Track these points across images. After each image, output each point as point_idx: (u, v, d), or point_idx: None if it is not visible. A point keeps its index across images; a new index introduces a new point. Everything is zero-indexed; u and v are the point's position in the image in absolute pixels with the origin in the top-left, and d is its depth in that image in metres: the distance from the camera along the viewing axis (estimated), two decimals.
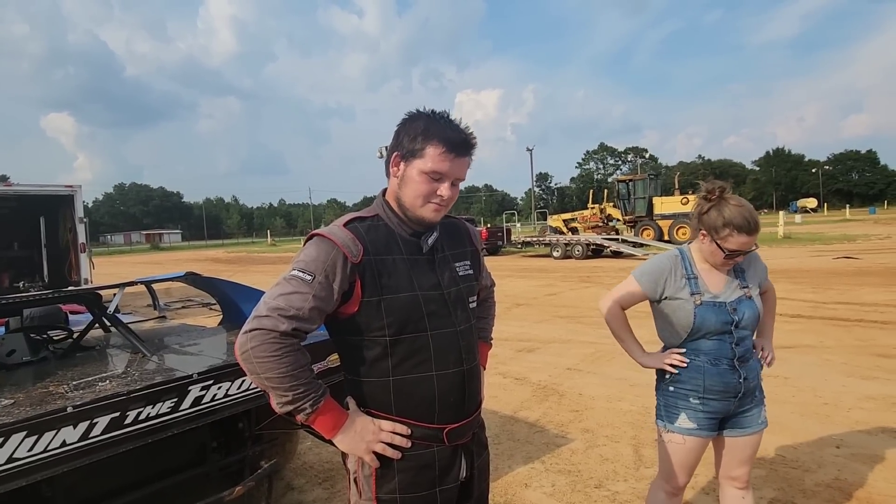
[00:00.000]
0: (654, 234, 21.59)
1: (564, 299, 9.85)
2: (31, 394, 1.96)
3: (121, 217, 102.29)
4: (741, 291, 1.87)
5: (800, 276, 10.83)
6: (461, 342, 1.36)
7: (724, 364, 1.85)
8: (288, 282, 1.23)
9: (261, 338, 1.17)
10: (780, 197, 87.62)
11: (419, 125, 1.28)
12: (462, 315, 1.39)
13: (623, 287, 2.03)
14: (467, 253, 1.48)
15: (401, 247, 1.33)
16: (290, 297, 1.21)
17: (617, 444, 3.48)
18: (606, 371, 5.13)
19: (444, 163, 1.26)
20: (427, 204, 1.30)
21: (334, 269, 1.24)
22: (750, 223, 1.74)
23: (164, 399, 1.92)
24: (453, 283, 1.38)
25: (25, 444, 1.59)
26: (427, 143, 1.26)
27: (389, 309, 1.27)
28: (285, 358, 1.17)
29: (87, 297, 2.94)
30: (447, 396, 1.32)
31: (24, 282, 8.67)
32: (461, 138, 1.28)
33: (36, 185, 8.74)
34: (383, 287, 1.27)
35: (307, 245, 1.30)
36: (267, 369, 1.17)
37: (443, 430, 1.32)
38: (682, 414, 1.91)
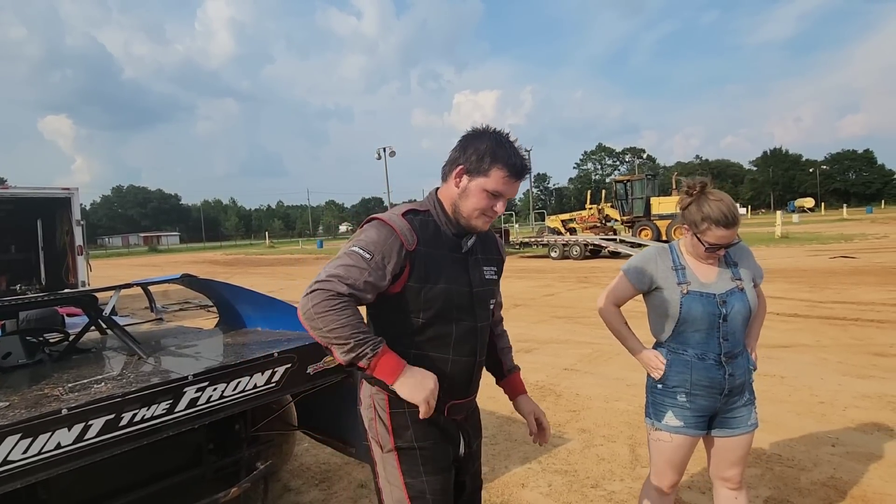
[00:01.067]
0: (652, 234, 21.61)
1: (562, 300, 9.86)
2: (27, 396, 1.96)
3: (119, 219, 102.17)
4: (733, 283, 1.87)
5: (797, 276, 10.86)
6: (479, 336, 1.53)
7: (710, 359, 1.86)
8: (349, 255, 1.35)
9: (320, 296, 1.29)
10: (777, 197, 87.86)
11: (486, 145, 1.41)
12: (483, 314, 1.54)
13: (614, 283, 2.06)
14: (495, 260, 1.64)
15: (445, 243, 1.47)
16: (349, 269, 1.33)
17: (613, 443, 3.49)
18: (604, 371, 5.14)
19: (505, 185, 1.42)
20: (482, 216, 1.45)
21: (391, 252, 1.36)
22: (728, 217, 1.75)
23: (160, 401, 1.92)
24: (481, 284, 1.54)
25: (20, 446, 1.59)
26: (493, 165, 1.40)
27: (428, 296, 1.41)
28: (344, 311, 1.28)
29: (83, 300, 2.94)
30: (457, 378, 1.49)
31: (20, 284, 8.67)
32: (522, 165, 1.44)
33: (33, 188, 8.73)
34: (428, 276, 1.41)
35: (367, 227, 1.42)
36: (328, 322, 1.27)
37: (445, 404, 1.47)
38: (669, 412, 1.93)
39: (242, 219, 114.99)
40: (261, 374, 2.20)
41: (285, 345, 2.40)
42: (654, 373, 1.96)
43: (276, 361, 2.24)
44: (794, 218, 38.33)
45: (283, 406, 2.77)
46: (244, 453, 2.44)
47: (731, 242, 1.83)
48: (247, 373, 2.15)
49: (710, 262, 1.89)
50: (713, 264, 1.91)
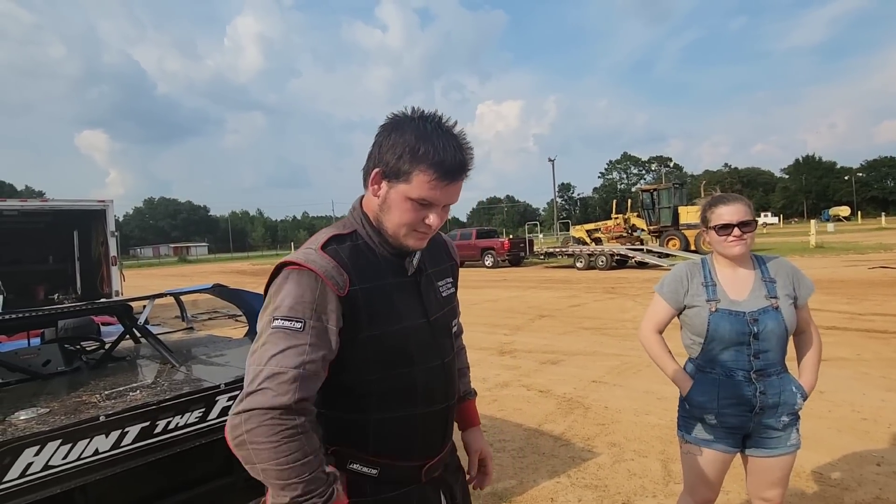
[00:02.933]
0: (680, 244, 21.21)
1: (589, 311, 9.73)
2: (66, 403, 2.01)
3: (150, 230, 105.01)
4: (767, 301, 1.82)
5: (834, 287, 10.51)
6: (447, 375, 1.23)
7: (739, 376, 1.83)
8: (274, 337, 1.01)
9: (257, 419, 0.95)
10: (811, 205, 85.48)
11: (407, 140, 1.06)
12: (447, 344, 1.26)
13: (651, 307, 2.05)
14: (448, 269, 1.34)
15: (386, 269, 1.15)
16: (283, 357, 0.99)
17: (645, 458, 3.40)
18: (633, 384, 5.03)
19: (433, 191, 1.07)
20: (412, 233, 1.12)
21: (325, 306, 1.04)
22: (724, 197, 1.87)
23: (193, 409, 1.95)
24: (439, 306, 1.25)
25: (60, 451, 1.63)
26: (416, 167, 1.05)
27: (377, 346, 1.11)
28: (285, 444, 0.95)
29: (118, 309, 3.02)
30: (430, 434, 1.21)
31: (58, 294, 8.95)
32: (456, 161, 1.07)
33: (70, 201, 9.04)
34: (371, 322, 1.10)
35: (282, 281, 1.07)
36: (264, 459, 0.95)
37: (421, 468, 1.20)
38: (698, 425, 1.90)
39: (269, 229, 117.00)
40: None
41: None
42: (682, 392, 1.96)
43: None
44: (829, 227, 37.16)
45: None
46: None
47: (743, 220, 1.81)
48: None
49: (735, 254, 1.84)
50: (747, 281, 1.87)
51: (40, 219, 9.33)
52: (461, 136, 1.10)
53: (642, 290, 12.10)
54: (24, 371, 2.52)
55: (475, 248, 23.07)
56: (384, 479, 1.16)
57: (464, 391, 1.48)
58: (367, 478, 1.16)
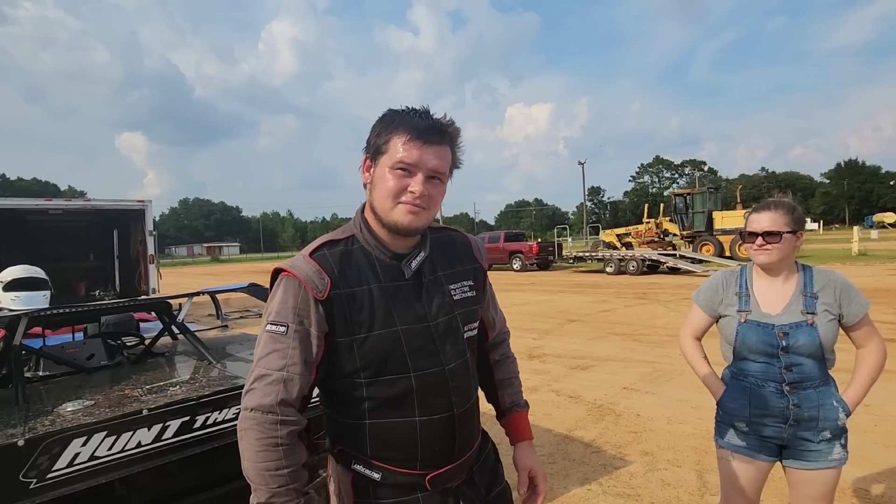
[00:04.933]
0: (715, 249, 20.70)
1: (619, 316, 9.57)
2: (109, 396, 2.07)
3: (184, 230, 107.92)
4: (802, 317, 1.77)
5: (878, 296, 10.09)
6: (451, 383, 1.17)
7: (770, 387, 1.80)
8: (265, 342, 1.10)
9: (248, 421, 1.06)
10: (853, 211, 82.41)
11: (384, 119, 1.14)
12: (452, 350, 1.19)
13: (689, 314, 2.07)
14: (468, 272, 1.28)
15: (378, 273, 1.15)
16: (269, 360, 1.07)
17: (679, 468, 3.32)
18: (666, 392, 4.92)
19: (411, 151, 1.08)
20: (398, 204, 1.11)
21: (307, 310, 1.09)
22: (763, 204, 1.84)
23: (230, 405, 1.99)
24: (443, 311, 1.19)
25: (105, 443, 1.68)
26: (390, 135, 1.11)
27: (363, 350, 1.11)
28: (263, 452, 1.04)
29: (158, 306, 3.10)
30: (432, 444, 1.16)
31: (99, 290, 9.26)
32: (430, 123, 1.11)
33: (111, 201, 9.36)
34: (355, 325, 1.11)
35: (276, 287, 1.14)
36: (247, 458, 1.05)
37: (424, 477, 1.16)
38: (731, 430, 1.90)
39: (298, 230, 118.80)
40: None
41: None
42: (714, 397, 1.97)
43: None
44: (873, 234, 35.71)
45: None
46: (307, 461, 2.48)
47: (768, 229, 1.78)
48: None
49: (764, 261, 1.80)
50: (784, 294, 1.82)
51: (83, 218, 9.68)
52: (436, 114, 1.14)
53: (675, 297, 11.85)
54: (70, 364, 2.61)
55: (503, 252, 22.98)
56: (386, 483, 1.16)
57: (511, 402, 1.42)
58: (369, 481, 1.16)
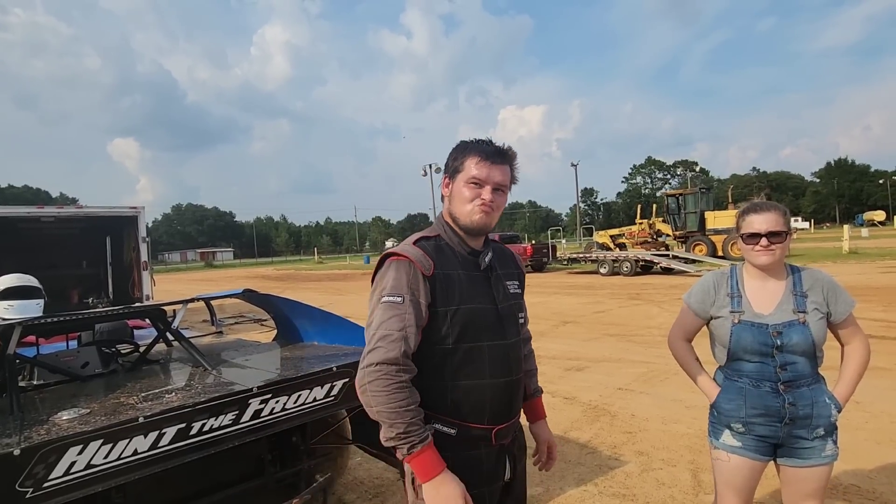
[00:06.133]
0: (707, 249, 20.81)
1: (613, 317, 9.62)
2: (105, 404, 2.07)
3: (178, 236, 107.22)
4: (794, 316, 1.80)
5: (869, 294, 10.19)
6: (511, 354, 1.49)
7: (765, 387, 1.81)
8: (382, 310, 1.36)
9: (375, 373, 1.30)
10: (843, 210, 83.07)
11: (459, 147, 1.50)
12: (512, 330, 1.52)
13: (679, 316, 2.07)
14: (515, 274, 1.63)
15: (462, 264, 1.47)
16: (389, 323, 1.33)
17: (674, 468, 3.35)
18: (660, 392, 4.96)
19: (482, 169, 1.43)
20: (473, 208, 1.44)
21: (417, 285, 1.37)
22: (758, 205, 1.84)
23: (226, 412, 1.99)
24: (506, 299, 1.52)
25: (102, 451, 1.68)
26: (465, 157, 1.46)
27: (454, 319, 1.40)
28: (394, 394, 1.28)
29: (153, 313, 3.10)
30: (497, 402, 1.45)
31: (92, 298, 9.20)
32: (494, 148, 1.46)
33: (104, 207, 9.31)
34: (450, 298, 1.40)
35: (385, 269, 1.42)
36: (379, 403, 1.29)
37: (491, 431, 1.44)
38: (727, 431, 1.90)
39: (292, 235, 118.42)
40: (320, 388, 2.25)
41: (342, 359, 2.44)
42: (709, 399, 1.97)
43: (334, 375, 2.29)
44: (863, 232, 36.01)
45: (339, 420, 2.82)
46: (304, 465, 2.49)
47: (772, 229, 1.78)
48: (307, 386, 2.21)
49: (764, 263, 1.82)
50: (775, 294, 1.84)
51: (75, 225, 9.63)
52: (502, 143, 1.50)
53: (668, 297, 11.91)
54: (65, 373, 2.61)
55: None
56: (461, 438, 1.41)
57: (534, 389, 1.75)
58: (447, 436, 1.40)
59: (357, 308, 12.94)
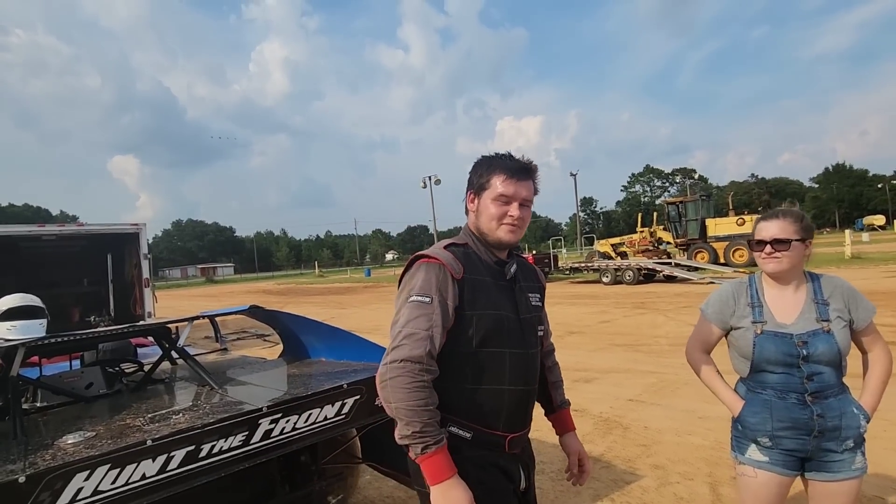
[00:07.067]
0: (709, 256, 20.79)
1: (619, 326, 9.54)
2: (111, 426, 2.01)
3: (178, 252, 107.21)
4: (817, 324, 1.75)
5: (876, 299, 10.02)
6: (531, 364, 1.52)
7: (792, 398, 1.75)
8: (410, 308, 1.38)
9: (398, 370, 1.31)
10: (843, 215, 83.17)
11: (482, 164, 1.53)
12: (532, 340, 1.54)
13: (696, 327, 2.01)
14: (537, 287, 1.67)
15: (489, 271, 1.51)
16: (416, 322, 1.35)
17: (691, 481, 3.27)
18: (672, 403, 4.88)
19: (509, 187, 1.47)
20: (501, 225, 1.48)
21: (446, 287, 1.39)
22: (771, 213, 1.84)
23: (236, 432, 1.93)
24: (528, 310, 1.55)
25: (109, 476, 1.62)
26: (492, 175, 1.49)
27: (480, 323, 1.42)
28: (414, 392, 1.30)
29: (158, 331, 3.04)
30: (514, 409, 1.47)
31: (94, 316, 9.13)
32: (520, 164, 1.50)
33: (105, 225, 9.29)
34: (477, 303, 1.43)
35: (415, 270, 1.45)
36: (398, 399, 1.30)
37: (505, 438, 1.46)
38: (752, 446, 1.83)
39: (293, 249, 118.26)
40: (331, 406, 2.19)
41: (352, 376, 2.39)
42: (733, 413, 1.90)
43: (345, 393, 2.23)
44: (864, 237, 35.98)
45: (349, 439, 2.75)
46: (315, 486, 2.42)
47: (776, 237, 1.76)
48: (318, 404, 2.15)
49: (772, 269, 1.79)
50: (796, 302, 1.80)
51: (76, 243, 9.60)
52: (523, 157, 1.54)
53: (673, 305, 11.84)
54: (68, 394, 2.55)
55: None
56: (476, 442, 1.42)
57: (561, 401, 1.77)
58: (462, 439, 1.41)
59: (360, 322, 12.86)
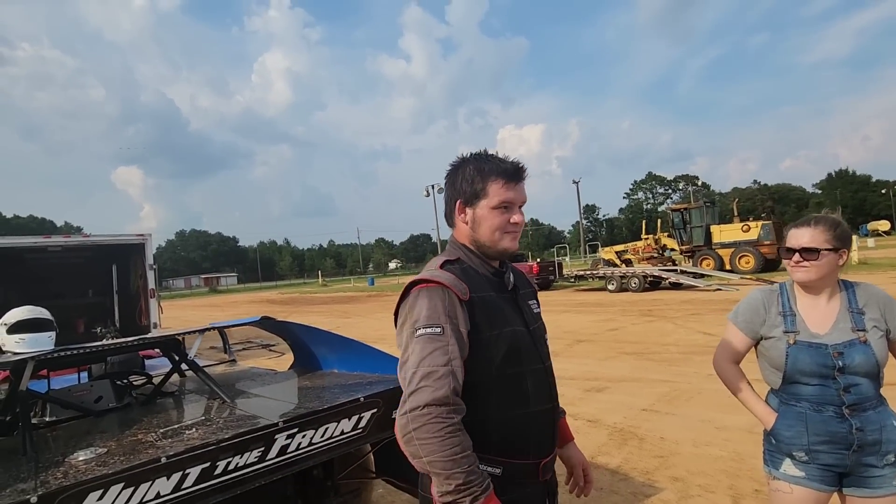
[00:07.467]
0: (715, 263, 20.71)
1: (628, 334, 9.45)
2: (122, 442, 1.95)
3: (181, 262, 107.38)
4: (853, 335, 1.68)
5: None
6: (550, 380, 1.41)
7: (829, 411, 1.68)
8: (421, 344, 1.19)
9: (423, 418, 1.13)
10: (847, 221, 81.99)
11: (471, 168, 1.37)
12: (546, 352, 1.43)
13: (724, 337, 1.94)
14: (532, 293, 1.55)
15: (490, 285, 1.37)
16: (432, 357, 1.17)
17: (713, 494, 3.19)
18: (687, 412, 4.79)
19: (508, 192, 1.35)
20: (505, 235, 1.36)
21: (455, 311, 1.23)
22: (804, 220, 1.80)
23: (252, 448, 1.88)
24: (534, 320, 1.44)
25: (123, 495, 1.57)
26: (487, 182, 1.35)
27: (496, 345, 1.28)
28: (448, 439, 1.12)
29: (168, 343, 2.99)
30: (542, 432, 1.35)
31: (100, 328, 9.08)
32: (515, 166, 1.37)
33: (111, 235, 9.25)
34: (491, 323, 1.29)
35: (416, 298, 1.26)
36: (430, 452, 1.12)
37: (538, 465, 1.33)
38: (787, 460, 1.75)
39: (296, 258, 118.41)
40: (348, 420, 2.13)
41: (368, 388, 2.33)
42: (765, 426, 1.83)
43: (362, 406, 2.17)
44: (870, 242, 35.77)
45: (365, 453, 2.69)
46: (331, 503, 2.36)
47: (805, 246, 1.71)
48: (335, 418, 2.09)
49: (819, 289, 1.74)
50: (830, 311, 1.74)
51: (81, 254, 9.56)
52: (507, 156, 1.40)
53: (681, 312, 11.75)
54: (78, 408, 2.49)
55: None
56: (508, 477, 1.27)
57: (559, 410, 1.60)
58: (493, 477, 1.24)
59: (366, 331, 12.80)
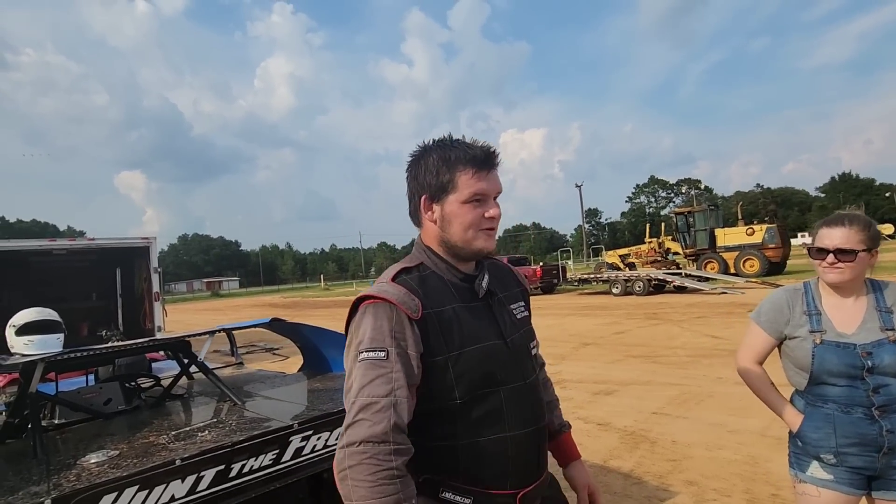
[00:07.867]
0: (719, 267, 20.62)
1: (634, 337, 9.39)
2: (134, 444, 1.93)
3: (184, 266, 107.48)
4: (882, 334, 1.63)
5: None
6: (532, 397, 1.22)
7: (858, 412, 1.63)
8: (361, 370, 1.05)
9: (357, 456, 0.98)
10: None
11: (435, 159, 1.18)
12: (528, 365, 1.25)
13: (747, 337, 1.89)
14: (518, 294, 1.35)
15: (455, 294, 1.19)
16: (372, 387, 1.03)
17: (729, 498, 3.14)
18: (698, 415, 4.74)
19: (480, 182, 1.16)
20: (479, 233, 1.18)
21: (403, 333, 1.07)
22: (833, 218, 1.71)
23: (267, 451, 1.85)
24: (514, 328, 1.25)
25: (137, 498, 1.54)
26: (455, 172, 1.16)
27: (457, 368, 1.11)
28: (380, 486, 0.97)
29: (177, 346, 2.97)
30: (522, 459, 1.17)
31: (105, 331, 9.06)
32: (485, 152, 1.17)
33: (115, 239, 9.25)
34: (448, 343, 1.12)
35: (361, 316, 1.12)
36: (360, 497, 0.97)
37: (516, 496, 1.15)
38: (814, 463, 1.71)
39: (298, 263, 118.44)
40: None
41: None
42: (791, 428, 1.78)
43: None
44: None
45: None
46: None
47: (840, 247, 1.64)
48: None
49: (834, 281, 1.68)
50: (857, 311, 1.69)
51: (86, 257, 9.55)
52: (475, 140, 1.21)
53: (687, 316, 11.69)
54: (87, 410, 2.47)
55: None
56: None
57: (558, 424, 1.45)
58: None
59: None
